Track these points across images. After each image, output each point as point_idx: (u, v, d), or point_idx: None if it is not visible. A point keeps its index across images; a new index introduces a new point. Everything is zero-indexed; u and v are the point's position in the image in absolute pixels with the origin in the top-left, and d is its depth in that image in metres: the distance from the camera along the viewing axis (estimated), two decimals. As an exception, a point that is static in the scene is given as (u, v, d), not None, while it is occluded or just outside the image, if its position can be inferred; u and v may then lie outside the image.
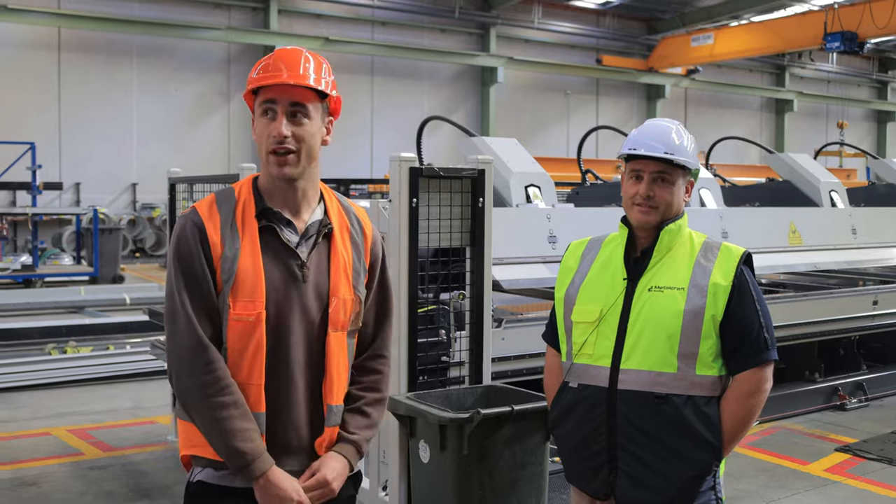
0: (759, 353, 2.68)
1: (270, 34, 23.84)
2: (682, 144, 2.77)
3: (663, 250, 2.76)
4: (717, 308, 2.66)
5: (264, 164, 2.35)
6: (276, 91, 2.29)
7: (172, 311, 2.29)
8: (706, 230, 7.19)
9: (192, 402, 2.27)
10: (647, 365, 2.67)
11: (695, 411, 2.65)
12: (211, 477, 2.34)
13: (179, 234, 2.32)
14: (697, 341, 2.65)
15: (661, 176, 2.75)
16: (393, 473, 4.24)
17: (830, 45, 22.05)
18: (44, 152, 18.31)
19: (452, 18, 26.70)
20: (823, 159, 9.93)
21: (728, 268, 2.71)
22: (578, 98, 29.98)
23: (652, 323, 2.68)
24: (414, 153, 4.47)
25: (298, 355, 2.35)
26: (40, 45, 21.79)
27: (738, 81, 33.15)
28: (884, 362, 8.36)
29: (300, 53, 2.36)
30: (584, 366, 2.78)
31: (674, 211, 2.77)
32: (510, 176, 6.32)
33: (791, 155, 9.24)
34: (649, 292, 2.71)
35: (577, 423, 2.80)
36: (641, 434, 2.68)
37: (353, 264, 2.44)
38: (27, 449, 6.50)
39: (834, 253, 8.01)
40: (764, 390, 2.69)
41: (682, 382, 2.66)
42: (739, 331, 2.67)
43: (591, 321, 2.77)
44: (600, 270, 2.83)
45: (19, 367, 8.52)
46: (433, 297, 4.46)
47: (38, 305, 12.82)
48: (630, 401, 2.68)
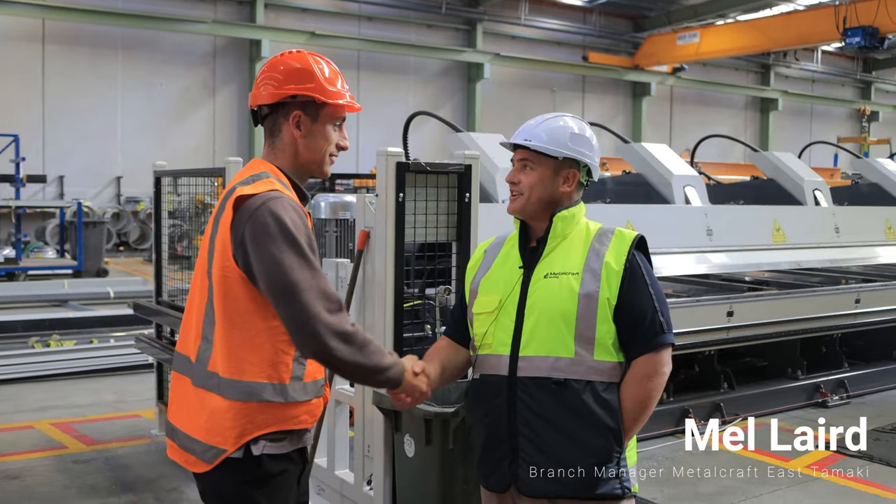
0: (654, 336, 2.67)
1: (256, 28, 23.78)
2: (555, 135, 2.78)
3: (557, 237, 2.77)
4: (610, 291, 2.66)
5: (321, 163, 2.69)
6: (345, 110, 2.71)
7: (306, 276, 2.44)
8: (691, 227, 7.29)
9: (350, 343, 2.47)
10: (545, 350, 2.67)
11: (594, 397, 2.64)
12: (274, 448, 2.55)
13: (293, 211, 2.50)
14: (593, 325, 2.65)
15: (524, 163, 2.79)
16: (378, 467, 4.24)
17: (850, 41, 22.06)
18: (27, 145, 18.22)
19: (439, 14, 26.71)
20: (808, 158, 9.98)
21: (620, 251, 2.71)
22: (564, 95, 30.04)
23: (547, 308, 2.68)
24: (400, 148, 4.47)
25: None
26: (24, 37, 21.65)
27: (723, 80, 33.29)
28: (865, 360, 8.41)
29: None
30: (485, 356, 2.79)
31: (549, 199, 2.78)
32: (496, 172, 6.33)
33: (775, 153, 9.29)
34: (545, 279, 2.72)
35: (480, 414, 2.80)
36: (542, 421, 2.66)
37: None
38: (10, 442, 6.47)
39: (817, 251, 8.07)
40: (662, 373, 2.68)
41: (580, 367, 2.65)
42: (633, 315, 2.67)
43: (490, 311, 2.78)
44: (501, 264, 2.86)
45: (2, 361, 8.47)
46: (419, 292, 4.47)
47: (22, 299, 12.77)
48: (529, 388, 2.68)
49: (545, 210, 2.79)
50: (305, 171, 2.71)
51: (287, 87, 2.61)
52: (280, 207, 2.47)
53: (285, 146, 2.65)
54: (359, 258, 4.38)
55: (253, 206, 2.47)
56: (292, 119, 2.62)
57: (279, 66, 2.64)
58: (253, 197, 2.49)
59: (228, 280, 2.51)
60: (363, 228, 4.34)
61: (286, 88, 2.61)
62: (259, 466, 2.53)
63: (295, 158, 2.66)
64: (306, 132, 2.64)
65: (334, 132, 2.70)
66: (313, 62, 2.66)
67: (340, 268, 4.68)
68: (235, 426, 2.50)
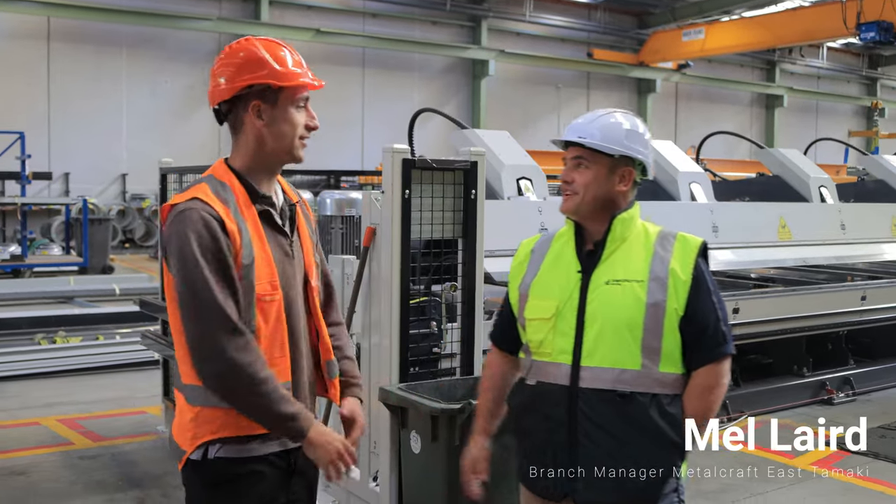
0: (717, 347, 2.61)
1: (261, 25, 23.76)
2: (610, 133, 2.67)
3: (617, 240, 2.67)
4: (678, 302, 2.58)
5: (291, 149, 2.58)
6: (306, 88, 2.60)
7: (199, 300, 2.38)
8: (696, 224, 7.28)
9: (235, 382, 2.39)
10: (610, 361, 2.58)
11: (660, 411, 2.57)
12: (232, 451, 2.49)
13: (199, 225, 2.40)
14: (660, 336, 2.58)
15: (578, 161, 2.68)
16: (384, 464, 4.25)
17: (865, 35, 21.95)
18: (33, 142, 18.22)
19: (444, 11, 26.66)
20: (813, 154, 9.95)
21: (686, 259, 2.62)
22: (569, 92, 29.98)
23: (612, 318, 2.59)
24: (406, 145, 4.47)
25: (301, 324, 2.61)
26: (29, 35, 21.66)
27: (728, 76, 33.20)
28: (871, 357, 8.40)
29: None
30: (543, 363, 2.69)
31: (605, 199, 2.67)
32: (502, 168, 6.32)
33: (781, 150, 9.27)
34: (606, 285, 2.62)
35: (535, 421, 2.71)
36: (603, 433, 2.59)
37: (311, 234, 2.74)
38: (17, 439, 6.49)
39: (823, 248, 8.04)
40: (723, 384, 2.62)
41: (647, 380, 2.57)
42: (698, 325, 2.60)
43: (547, 317, 2.68)
44: (552, 265, 2.75)
45: (9, 357, 8.50)
46: (425, 289, 4.47)
47: (28, 295, 12.79)
48: (591, 399, 2.59)
49: (600, 210, 2.68)
50: (275, 162, 2.60)
51: (241, 78, 2.53)
52: (187, 221, 2.40)
53: (248, 140, 2.56)
54: (365, 255, 4.39)
55: (170, 218, 2.46)
56: (252, 109, 2.53)
57: (229, 59, 2.57)
58: (173, 208, 2.47)
59: (170, 287, 2.49)
60: (369, 225, 4.35)
61: (240, 80, 2.53)
62: (215, 469, 2.50)
63: (260, 150, 2.55)
64: (269, 120, 2.54)
65: (299, 114, 2.58)
66: (261, 48, 2.56)
67: (346, 264, 4.69)
68: (191, 429, 2.51)
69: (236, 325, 2.39)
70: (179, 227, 2.41)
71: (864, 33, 21.80)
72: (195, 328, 2.41)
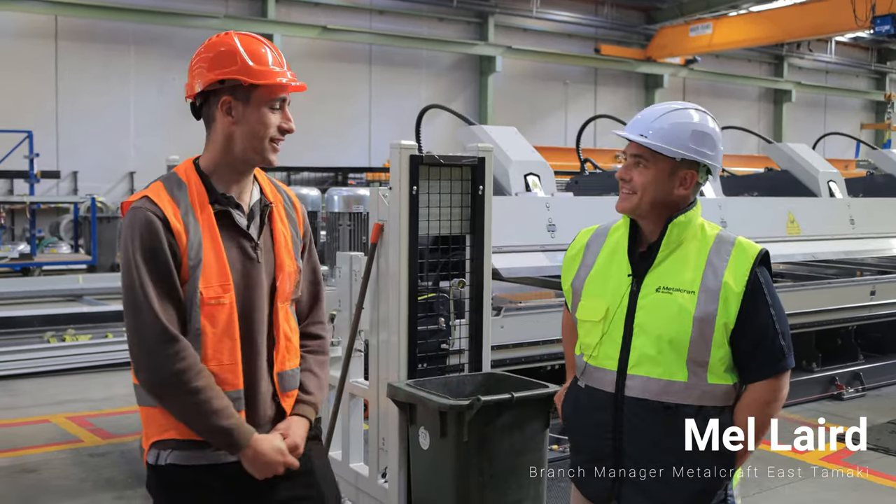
0: (775, 361, 2.53)
1: (268, 22, 23.76)
2: (674, 132, 2.54)
3: (672, 245, 2.57)
4: (728, 315, 2.49)
5: (261, 150, 2.47)
6: (285, 88, 2.49)
7: (135, 303, 2.36)
8: (705, 219, 7.24)
9: (165, 391, 2.37)
10: (657, 373, 2.51)
11: (706, 422, 2.51)
12: (182, 458, 2.44)
13: (140, 225, 2.37)
14: (708, 350, 2.49)
15: (637, 160, 2.57)
16: (392, 460, 4.25)
17: (879, 28, 21.80)
18: (41, 141, 18.25)
19: (450, 7, 26.62)
20: (822, 149, 9.93)
21: (741, 269, 2.52)
22: (577, 87, 29.92)
23: (659, 329, 2.51)
24: (414, 141, 4.47)
25: (262, 331, 2.51)
26: (37, 34, 21.70)
27: (736, 71, 33.10)
28: (881, 352, 8.38)
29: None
30: (593, 368, 2.64)
31: (662, 202, 2.56)
32: (509, 164, 6.32)
33: (790, 145, 9.24)
34: (657, 293, 2.54)
35: (583, 425, 2.69)
36: (649, 444, 2.54)
37: (292, 238, 2.62)
38: (27, 436, 6.51)
39: (832, 243, 8.02)
40: (780, 399, 2.55)
41: (694, 392, 2.51)
42: (753, 338, 2.51)
43: (597, 320, 2.62)
44: (606, 263, 2.67)
45: (18, 355, 8.53)
46: (432, 285, 4.47)
47: (37, 294, 12.81)
48: (637, 409, 2.54)
49: (658, 211, 2.57)
50: (243, 163, 2.50)
51: (212, 72, 2.44)
52: (133, 221, 2.38)
53: (217, 138, 2.49)
54: (372, 251, 4.38)
55: (125, 217, 2.44)
56: (222, 106, 2.45)
57: (205, 52, 2.49)
58: (129, 205, 2.44)
59: None
60: (377, 222, 4.35)
61: (211, 74, 2.45)
62: (166, 475, 2.46)
63: (228, 150, 2.48)
64: (238, 118, 2.45)
65: (273, 115, 2.47)
66: (239, 42, 2.46)
67: (354, 261, 4.69)
68: (144, 429, 2.50)
69: (170, 332, 2.34)
70: (126, 227, 2.40)
71: (878, 26, 21.67)
72: (132, 334, 2.39)
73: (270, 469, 2.44)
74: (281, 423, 2.55)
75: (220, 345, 2.41)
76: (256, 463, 2.42)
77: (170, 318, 2.35)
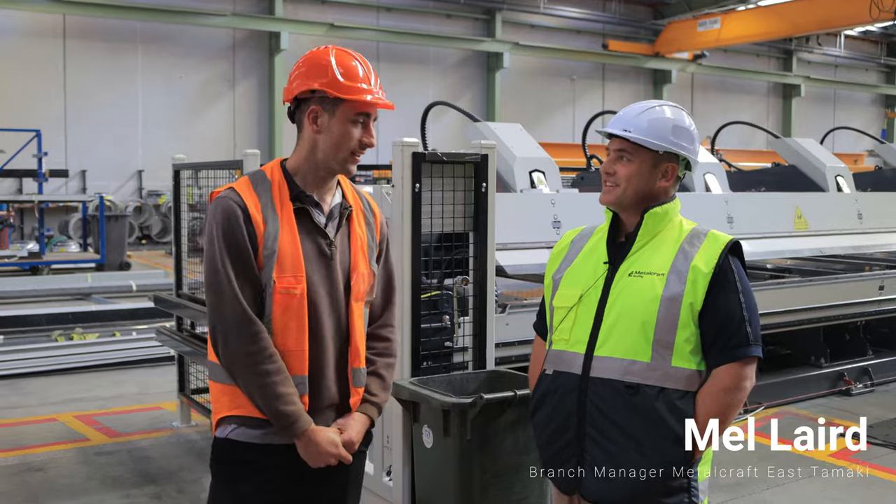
0: (738, 346, 2.54)
1: (275, 20, 23.81)
2: (655, 127, 2.65)
3: (648, 234, 2.65)
4: (695, 296, 2.53)
5: (341, 161, 2.62)
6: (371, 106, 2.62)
7: (217, 284, 2.52)
8: (711, 215, 7.23)
9: (238, 369, 2.52)
10: (620, 352, 2.55)
11: (667, 404, 2.51)
12: (243, 435, 2.59)
13: (223, 213, 2.55)
14: (674, 330, 2.52)
15: (621, 153, 2.66)
16: (396, 458, 4.24)
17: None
18: (49, 140, 18.34)
19: (458, 4, 26.63)
20: (830, 144, 9.89)
21: (711, 254, 2.57)
22: (584, 83, 29.90)
23: (628, 308, 2.56)
24: (417, 138, 4.46)
25: (329, 324, 2.64)
26: (45, 33, 21.79)
27: (744, 66, 33.02)
28: (890, 347, 8.34)
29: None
30: (560, 352, 2.68)
31: (645, 193, 2.65)
32: (514, 161, 6.30)
33: (797, 140, 9.20)
34: (629, 277, 2.60)
35: (549, 411, 2.69)
36: (611, 425, 2.55)
37: (368, 242, 2.76)
38: (34, 434, 6.53)
39: (840, 238, 7.98)
40: (743, 388, 2.54)
41: (656, 373, 2.52)
42: (718, 321, 2.54)
43: (570, 305, 2.68)
44: (586, 256, 2.75)
45: (26, 354, 8.55)
46: (437, 283, 4.46)
47: (45, 292, 12.86)
48: (601, 389, 2.56)
49: (640, 204, 2.66)
50: (324, 168, 2.65)
51: (305, 81, 2.61)
52: (217, 210, 2.57)
53: (304, 142, 2.65)
54: (376, 249, 4.37)
55: (210, 205, 2.63)
56: (309, 114, 2.61)
57: (304, 61, 2.66)
58: (216, 195, 2.63)
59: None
60: (380, 219, 4.33)
61: (303, 84, 2.61)
62: (225, 448, 2.62)
63: (311, 155, 2.63)
64: (322, 127, 2.61)
65: (355, 129, 2.62)
66: (333, 56, 2.62)
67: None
68: (214, 404, 2.67)
69: (248, 314, 2.50)
70: (210, 214, 2.58)
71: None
72: (213, 313, 2.55)
73: (322, 459, 2.57)
74: (341, 419, 2.67)
75: (287, 330, 2.56)
76: (310, 451, 2.55)
77: (248, 301, 2.51)
